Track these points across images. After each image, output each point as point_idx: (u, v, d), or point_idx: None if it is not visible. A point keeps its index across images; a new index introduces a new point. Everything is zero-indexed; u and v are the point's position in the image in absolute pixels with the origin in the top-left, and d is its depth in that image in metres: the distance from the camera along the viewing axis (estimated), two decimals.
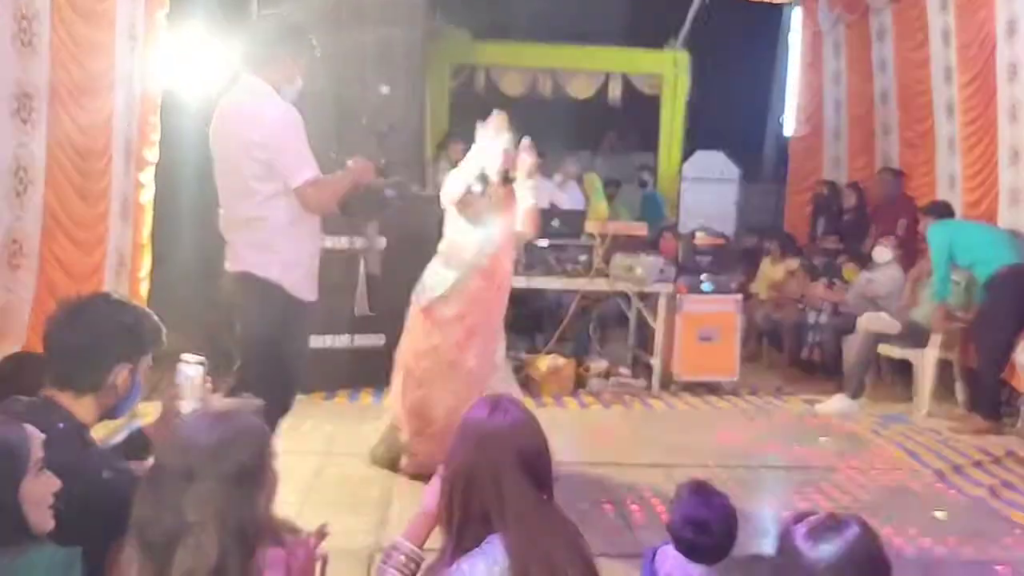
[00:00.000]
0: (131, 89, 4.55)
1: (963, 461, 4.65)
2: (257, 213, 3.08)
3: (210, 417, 1.69)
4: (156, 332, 2.10)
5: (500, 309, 3.97)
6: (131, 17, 4.47)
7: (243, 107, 3.13)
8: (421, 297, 3.93)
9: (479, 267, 3.86)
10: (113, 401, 2.02)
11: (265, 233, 3.09)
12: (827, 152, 8.71)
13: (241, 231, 3.16)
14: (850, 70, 8.23)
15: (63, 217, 3.90)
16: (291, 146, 3.04)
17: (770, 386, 6.36)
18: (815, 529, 1.42)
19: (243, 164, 3.06)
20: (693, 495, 2.24)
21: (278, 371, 3.18)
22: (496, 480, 1.75)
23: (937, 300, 5.60)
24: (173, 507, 1.52)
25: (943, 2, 6.34)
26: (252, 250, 3.12)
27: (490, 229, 3.86)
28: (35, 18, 3.50)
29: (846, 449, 4.84)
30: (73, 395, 1.96)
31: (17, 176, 3.46)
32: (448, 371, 3.86)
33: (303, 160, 3.05)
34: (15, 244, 3.47)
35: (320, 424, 4.83)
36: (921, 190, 6.91)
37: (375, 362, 5.73)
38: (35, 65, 3.54)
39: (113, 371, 1.98)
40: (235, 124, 3.11)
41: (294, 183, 3.03)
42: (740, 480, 4.25)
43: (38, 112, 3.58)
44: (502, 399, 1.90)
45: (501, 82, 8.78)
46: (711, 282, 6.15)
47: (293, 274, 3.13)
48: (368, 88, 5.70)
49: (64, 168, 3.87)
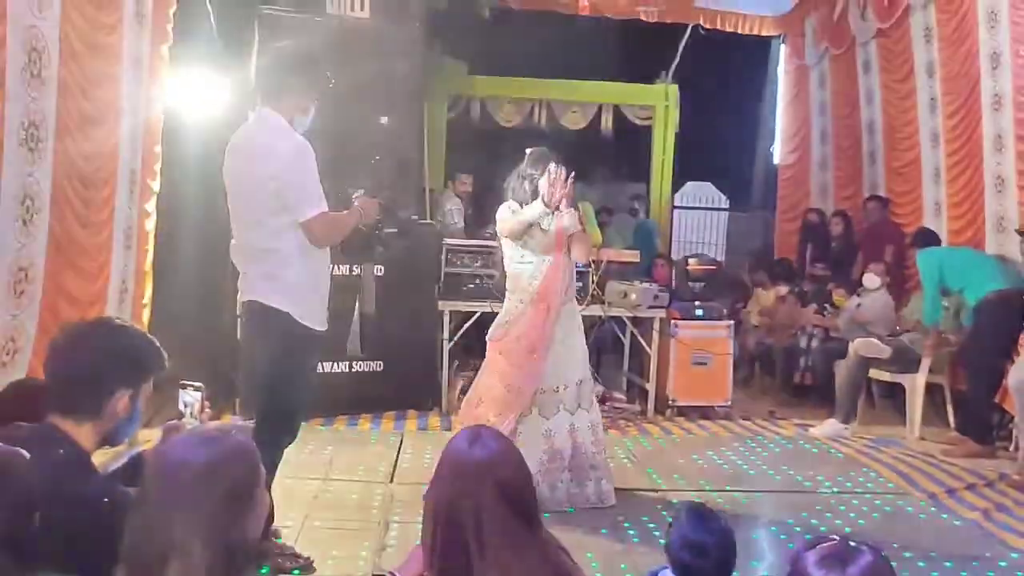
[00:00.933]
0: (135, 120, 4.61)
1: (956, 484, 4.69)
2: (267, 244, 3.14)
3: (199, 438, 1.66)
4: (158, 358, 2.11)
5: (552, 329, 4.13)
6: (136, 50, 4.54)
7: (256, 140, 3.20)
8: (494, 331, 4.21)
9: (533, 293, 4.11)
10: (114, 427, 2.02)
11: (274, 263, 3.14)
12: (814, 181, 8.86)
13: (252, 261, 3.22)
14: (836, 101, 8.40)
15: (67, 245, 3.93)
16: (301, 180, 3.10)
17: (763, 410, 6.43)
18: (827, 557, 1.40)
19: (254, 196, 3.13)
20: (691, 518, 2.24)
21: (285, 399, 3.21)
22: (476, 514, 1.72)
23: (927, 324, 5.69)
24: (162, 529, 1.51)
25: (927, 35, 6.51)
26: (262, 280, 3.18)
27: (544, 257, 4.13)
28: (44, 50, 3.56)
29: (839, 473, 4.89)
30: (74, 421, 1.96)
31: (24, 205, 3.49)
32: (514, 398, 4.08)
33: (312, 195, 3.11)
34: (20, 271, 3.50)
35: (319, 449, 4.85)
36: (908, 218, 7.04)
37: (374, 388, 5.80)
38: (44, 96, 3.60)
39: (114, 397, 1.99)
40: (248, 156, 3.18)
41: (302, 217, 3.09)
42: (736, 504, 4.29)
43: (45, 142, 3.63)
44: (483, 431, 1.86)
45: (496, 113, 8.93)
46: (703, 308, 6.26)
47: (301, 303, 3.17)
48: (368, 119, 5.82)
49: (69, 197, 3.92)
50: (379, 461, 4.76)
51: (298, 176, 3.09)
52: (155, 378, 2.12)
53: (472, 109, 8.89)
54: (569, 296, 4.25)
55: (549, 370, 4.11)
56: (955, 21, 6.05)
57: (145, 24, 4.65)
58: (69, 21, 3.78)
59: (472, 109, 8.89)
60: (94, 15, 4.04)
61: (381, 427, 5.58)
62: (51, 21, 3.62)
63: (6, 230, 3.37)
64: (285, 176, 3.07)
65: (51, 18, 3.62)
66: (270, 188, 3.07)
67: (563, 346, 4.16)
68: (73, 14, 3.82)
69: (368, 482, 4.41)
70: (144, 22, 4.64)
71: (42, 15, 3.53)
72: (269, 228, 3.12)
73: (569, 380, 4.15)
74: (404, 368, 5.90)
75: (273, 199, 3.08)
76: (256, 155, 3.14)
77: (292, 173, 3.08)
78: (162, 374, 2.14)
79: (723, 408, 6.22)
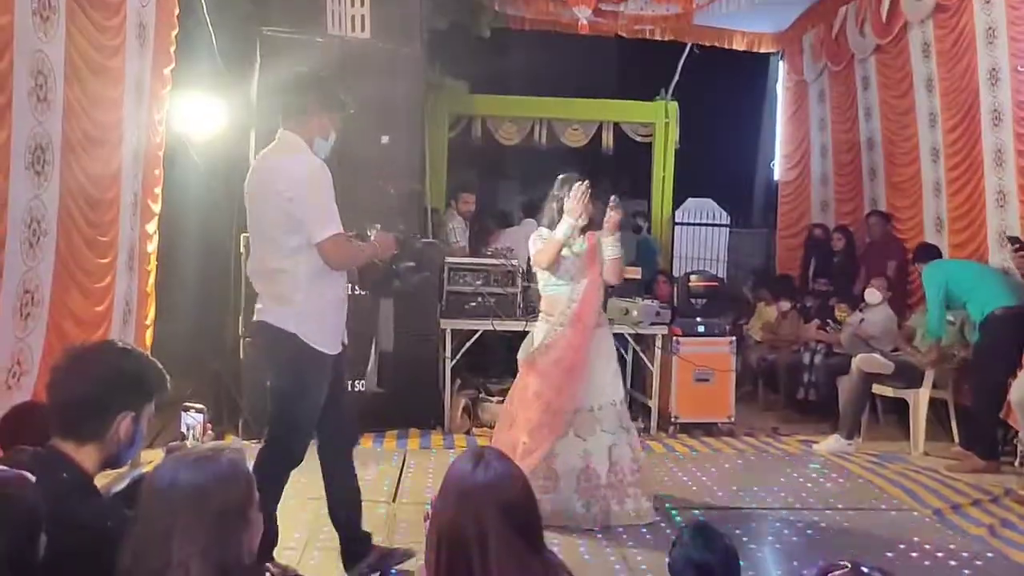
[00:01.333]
0: (138, 141, 4.64)
1: (962, 500, 4.67)
2: (280, 265, 3.15)
3: (191, 459, 1.68)
4: (160, 380, 2.11)
5: (588, 349, 4.19)
6: (139, 72, 4.57)
7: (275, 161, 3.22)
8: (530, 355, 4.25)
9: (571, 315, 4.16)
10: (116, 449, 2.02)
11: (286, 285, 3.15)
12: (815, 196, 8.88)
13: (265, 282, 3.24)
14: (835, 117, 8.44)
15: (73, 267, 3.94)
16: (316, 201, 3.11)
17: (766, 427, 6.42)
18: None
19: (270, 216, 3.15)
20: (695, 537, 2.23)
21: (292, 421, 3.20)
22: (480, 535, 1.70)
23: (932, 339, 5.67)
24: (158, 549, 1.53)
25: (926, 51, 6.54)
26: (273, 301, 3.19)
27: (578, 282, 4.20)
28: (50, 74, 3.59)
29: (844, 489, 4.87)
30: (76, 444, 1.96)
31: (31, 227, 3.51)
32: (551, 419, 4.12)
33: (328, 216, 3.12)
34: (27, 294, 3.51)
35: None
36: (909, 233, 7.05)
37: (376, 407, 5.78)
38: (49, 119, 3.62)
39: (117, 420, 1.98)
40: (265, 176, 3.21)
41: (316, 238, 3.09)
42: (741, 522, 4.27)
43: (51, 165, 3.65)
44: (487, 452, 1.85)
45: (497, 132, 8.98)
46: (705, 324, 6.25)
47: (310, 326, 3.15)
48: (369, 138, 5.85)
49: (75, 219, 3.93)
50: (382, 481, 4.75)
51: (313, 196, 3.11)
52: (157, 400, 2.12)
53: (473, 128, 8.93)
54: (603, 317, 4.33)
55: (586, 390, 4.15)
56: (953, 37, 6.09)
57: (147, 46, 4.69)
58: (74, 44, 3.81)
59: (473, 128, 8.93)
60: (98, 38, 4.07)
61: (383, 446, 5.57)
62: (56, 44, 3.65)
63: (13, 253, 3.38)
64: (300, 195, 3.09)
65: (56, 41, 3.65)
66: (285, 208, 3.09)
67: (599, 366, 4.21)
68: (78, 37, 3.85)
69: (371, 502, 4.37)
70: (146, 44, 4.67)
71: (47, 39, 3.56)
72: (282, 248, 3.13)
73: (605, 400, 4.19)
74: (406, 387, 5.88)
75: (287, 218, 3.09)
76: (273, 175, 3.17)
77: (308, 193, 3.10)
78: (165, 396, 2.15)
79: (726, 425, 6.21)
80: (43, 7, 3.50)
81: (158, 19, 4.79)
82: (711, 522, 2.35)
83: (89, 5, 3.94)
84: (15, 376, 3.46)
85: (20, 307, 3.47)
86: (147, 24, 4.65)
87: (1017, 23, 5.30)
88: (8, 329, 3.39)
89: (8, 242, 3.33)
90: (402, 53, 5.96)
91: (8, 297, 3.36)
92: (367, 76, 5.84)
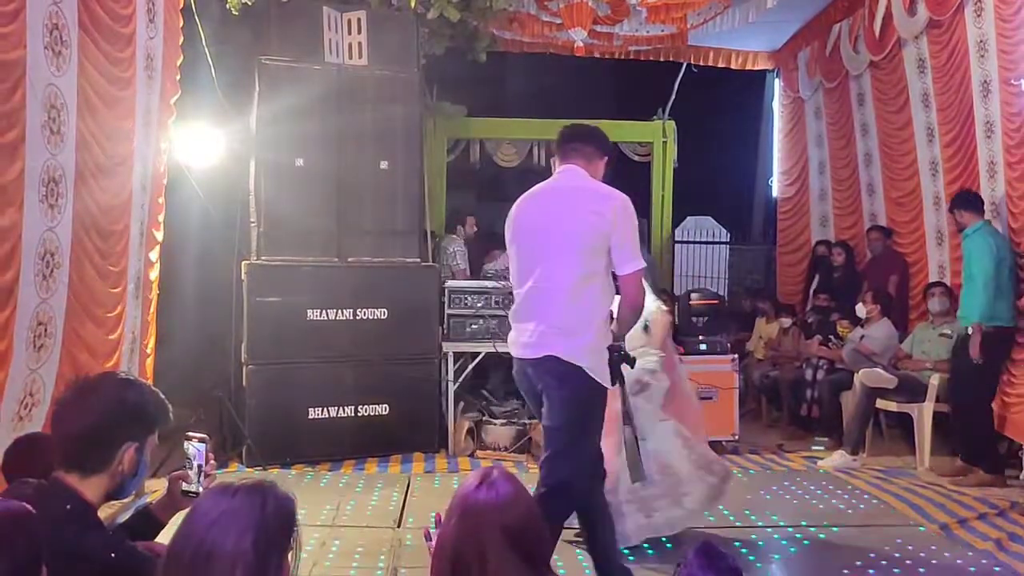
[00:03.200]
0: (145, 171, 4.67)
1: (968, 515, 4.65)
2: (570, 296, 3.10)
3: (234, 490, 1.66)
4: (163, 411, 2.12)
5: None
6: (147, 103, 4.62)
7: (583, 183, 3.24)
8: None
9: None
10: (120, 480, 2.03)
11: (575, 317, 3.10)
12: (814, 212, 8.90)
13: (549, 314, 3.14)
14: (832, 133, 8.47)
15: (87, 298, 3.96)
16: (629, 233, 3.12)
17: (771, 444, 6.40)
18: None
19: (572, 237, 3.11)
20: (699, 556, 2.22)
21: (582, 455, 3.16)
22: (481, 557, 1.70)
23: (974, 320, 5.25)
24: None
25: (921, 66, 6.59)
26: (560, 335, 3.10)
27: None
28: (63, 107, 3.63)
29: (849, 506, 4.86)
30: (80, 476, 1.97)
31: (44, 260, 3.53)
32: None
33: (635, 251, 3.13)
34: (40, 326, 3.52)
35: (326, 494, 4.84)
36: (910, 248, 7.06)
37: (380, 431, 5.80)
38: (63, 152, 3.65)
39: (120, 451, 1.99)
40: (573, 200, 3.19)
41: (625, 270, 3.11)
42: (746, 540, 4.26)
43: (64, 197, 3.68)
44: (492, 471, 1.84)
45: (496, 154, 9.04)
46: (707, 342, 6.26)
47: (595, 359, 3.10)
48: (368, 163, 5.90)
49: (87, 250, 3.96)
50: (386, 505, 4.74)
51: (627, 227, 3.12)
52: (160, 429, 2.12)
53: (471, 151, 8.99)
54: None
55: None
56: (947, 51, 6.13)
57: (155, 77, 4.74)
58: (85, 75, 3.86)
59: (471, 151, 8.99)
60: (111, 70, 4.12)
61: (388, 470, 5.56)
62: (68, 78, 3.69)
63: (28, 284, 3.40)
64: (619, 221, 3.10)
65: (68, 75, 3.69)
66: (599, 227, 3.09)
67: None
68: (90, 69, 3.90)
69: (376, 527, 4.38)
70: (154, 76, 4.72)
71: (60, 73, 3.60)
72: (577, 274, 3.10)
73: None
74: (410, 410, 5.90)
75: (596, 241, 3.09)
76: (587, 197, 3.17)
77: (623, 223, 3.11)
78: (167, 425, 2.15)
79: (730, 442, 6.19)
80: (55, 41, 3.54)
81: (164, 50, 4.84)
82: (717, 541, 2.34)
83: (101, 38, 3.99)
84: (27, 407, 3.47)
85: (33, 339, 3.48)
86: (154, 55, 4.71)
87: (1007, 35, 5.33)
88: (21, 361, 3.39)
89: (22, 274, 3.35)
90: (399, 79, 6.02)
91: (22, 329, 3.38)
92: (365, 102, 5.91)
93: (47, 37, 3.48)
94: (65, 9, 3.62)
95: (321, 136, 5.79)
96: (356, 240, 5.91)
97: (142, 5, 4.45)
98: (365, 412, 5.76)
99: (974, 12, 5.66)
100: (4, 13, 3.16)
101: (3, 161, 3.20)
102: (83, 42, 3.81)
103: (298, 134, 5.72)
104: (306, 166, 5.77)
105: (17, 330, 3.33)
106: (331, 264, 5.80)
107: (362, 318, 5.77)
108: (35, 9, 3.36)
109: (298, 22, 5.79)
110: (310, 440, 5.62)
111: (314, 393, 5.65)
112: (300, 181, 5.77)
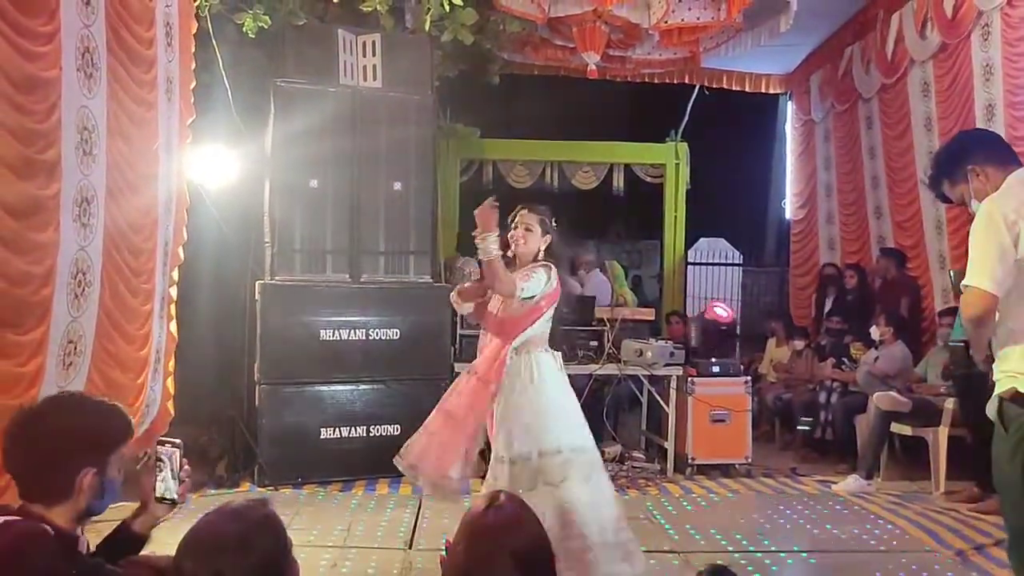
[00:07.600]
0: (169, 190, 4.74)
1: (985, 540, 4.58)
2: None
3: (229, 513, 1.71)
4: (119, 429, 2.06)
5: None
6: (168, 124, 4.68)
7: None
8: None
9: None
10: (86, 504, 1.98)
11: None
12: (822, 235, 8.89)
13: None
14: (840, 157, 8.49)
15: (118, 315, 4.00)
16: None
17: (784, 467, 6.35)
18: None
19: None
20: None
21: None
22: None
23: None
24: None
25: (925, 90, 6.60)
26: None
27: None
28: (94, 129, 3.70)
29: (864, 531, 4.80)
30: (44, 506, 1.94)
31: (76, 279, 3.58)
32: None
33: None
34: (70, 344, 3.56)
35: (337, 516, 4.83)
36: (915, 271, 7.06)
37: (392, 452, 5.76)
38: (94, 172, 3.71)
39: (79, 476, 1.95)
40: None
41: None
42: (759, 565, 4.22)
43: (96, 217, 3.73)
44: (499, 495, 1.85)
45: (509, 175, 9.09)
46: (720, 364, 6.24)
47: None
48: (381, 185, 5.94)
49: (120, 268, 4.01)
50: (398, 526, 4.72)
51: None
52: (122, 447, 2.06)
53: (485, 172, 9.05)
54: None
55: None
56: (951, 76, 6.14)
57: (174, 100, 4.81)
58: (115, 98, 3.92)
59: (485, 172, 9.05)
60: (138, 91, 4.19)
61: (399, 491, 5.55)
62: (99, 99, 3.76)
63: (60, 303, 3.44)
64: None
65: (99, 97, 3.76)
66: None
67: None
68: (118, 91, 3.96)
69: (387, 549, 4.37)
70: (172, 98, 4.79)
71: (91, 95, 3.67)
72: None
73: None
74: None
75: None
76: None
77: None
78: (129, 439, 2.09)
79: (743, 465, 6.15)
80: (87, 64, 3.61)
81: (180, 73, 4.92)
82: (730, 566, 2.33)
83: (128, 60, 4.06)
84: None
85: (63, 356, 3.51)
86: (172, 78, 4.78)
87: (1014, 60, 5.34)
88: (51, 379, 3.41)
89: (55, 292, 3.38)
90: (413, 101, 6.07)
91: (54, 347, 3.41)
92: (379, 124, 5.96)
93: (79, 60, 3.54)
94: (96, 32, 3.69)
95: (335, 157, 5.84)
96: (369, 260, 5.94)
97: (161, 29, 4.53)
98: (377, 432, 5.75)
99: (981, 36, 5.68)
100: (43, 33, 3.23)
101: (43, 179, 3.26)
102: (112, 65, 3.88)
103: (312, 155, 5.77)
104: (320, 187, 5.82)
105: (50, 347, 3.36)
106: (344, 284, 5.83)
107: (375, 338, 5.78)
108: (69, 32, 3.42)
109: (313, 45, 5.86)
110: (322, 460, 5.61)
111: (326, 413, 5.66)
112: (314, 202, 5.82)
